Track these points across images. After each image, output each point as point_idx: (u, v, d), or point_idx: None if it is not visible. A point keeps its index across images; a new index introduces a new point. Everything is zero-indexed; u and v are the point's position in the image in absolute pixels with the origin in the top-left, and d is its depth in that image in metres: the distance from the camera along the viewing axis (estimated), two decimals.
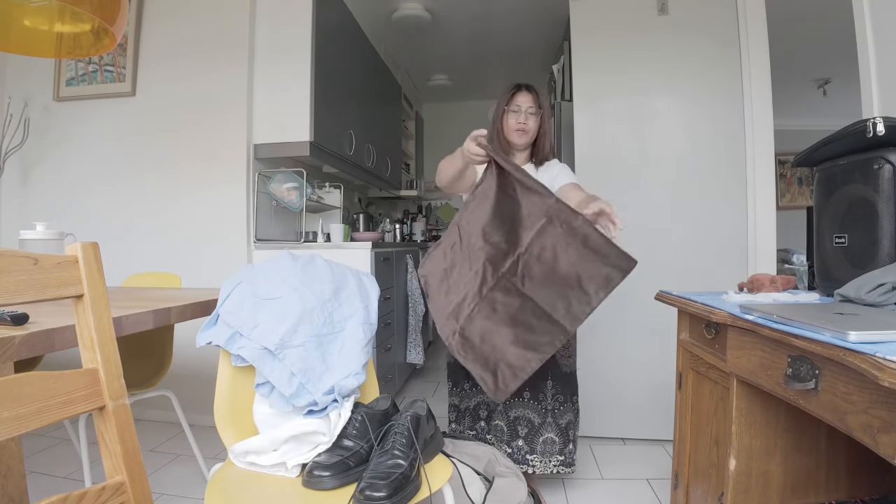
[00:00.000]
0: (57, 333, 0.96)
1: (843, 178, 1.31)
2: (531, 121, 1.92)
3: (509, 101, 1.94)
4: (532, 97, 1.93)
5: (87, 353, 0.78)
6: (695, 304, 1.32)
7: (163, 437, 2.54)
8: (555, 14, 3.85)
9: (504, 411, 1.91)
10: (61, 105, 2.95)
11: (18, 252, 0.72)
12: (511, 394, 1.60)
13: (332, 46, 3.04)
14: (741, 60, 2.46)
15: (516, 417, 1.91)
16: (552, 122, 1.95)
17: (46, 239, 1.58)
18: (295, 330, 1.39)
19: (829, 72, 5.09)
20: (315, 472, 1.16)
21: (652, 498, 1.98)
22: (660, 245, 2.50)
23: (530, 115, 1.92)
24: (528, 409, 1.91)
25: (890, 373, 0.64)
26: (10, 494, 0.94)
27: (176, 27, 2.85)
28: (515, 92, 1.94)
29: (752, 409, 1.17)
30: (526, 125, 1.91)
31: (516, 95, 1.94)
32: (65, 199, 2.92)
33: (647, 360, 2.51)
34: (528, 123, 1.92)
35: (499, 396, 1.49)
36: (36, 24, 1.68)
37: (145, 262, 2.69)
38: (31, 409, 0.68)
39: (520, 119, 1.91)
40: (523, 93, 1.93)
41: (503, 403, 1.90)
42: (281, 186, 2.81)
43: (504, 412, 1.91)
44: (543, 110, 1.94)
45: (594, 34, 2.61)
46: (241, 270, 1.52)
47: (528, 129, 1.92)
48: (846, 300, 1.11)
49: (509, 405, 1.91)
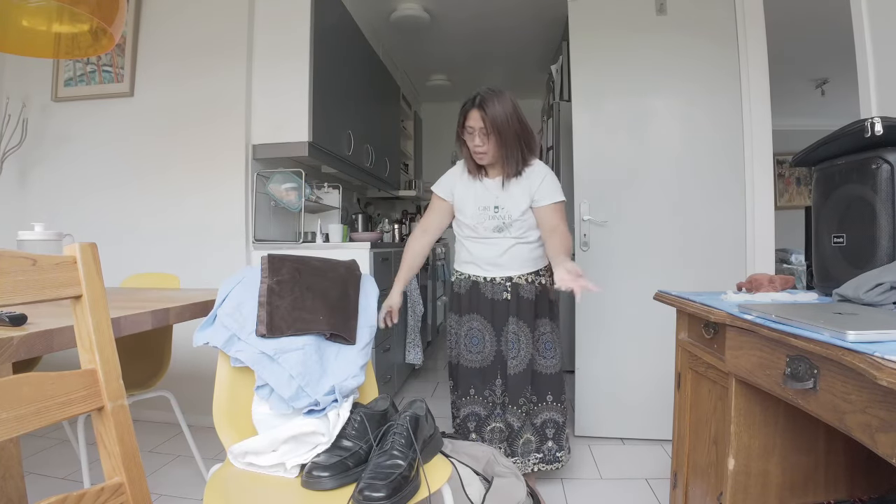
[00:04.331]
0: (55, 334, 0.96)
1: (841, 177, 1.31)
2: (487, 142, 1.82)
3: (463, 124, 1.86)
4: (480, 115, 1.79)
5: (85, 354, 0.78)
6: (693, 304, 1.32)
7: (162, 437, 2.54)
8: (553, 14, 3.86)
9: (497, 418, 1.95)
10: (59, 105, 2.94)
11: (17, 253, 0.72)
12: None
13: (331, 47, 3.04)
14: (739, 60, 2.47)
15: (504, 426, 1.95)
16: (518, 131, 1.83)
17: (45, 240, 1.58)
18: None
19: (828, 72, 5.10)
20: (314, 473, 1.16)
21: (651, 497, 1.98)
22: (658, 245, 2.51)
23: (484, 136, 1.82)
24: (476, 404, 1.96)
25: (888, 372, 0.64)
26: (8, 495, 0.94)
27: (174, 27, 2.85)
28: (468, 111, 1.84)
29: (750, 409, 1.17)
30: (482, 148, 1.83)
31: (467, 116, 1.84)
32: (63, 199, 2.91)
33: (645, 360, 2.51)
34: (484, 146, 1.83)
35: None
36: (34, 25, 1.68)
37: (144, 263, 2.69)
38: (30, 410, 0.68)
39: (475, 143, 1.83)
40: (472, 113, 1.82)
41: (492, 414, 1.95)
42: (280, 187, 2.81)
43: (497, 419, 1.95)
44: (497, 123, 1.79)
45: (593, 34, 2.61)
46: (240, 271, 1.52)
47: (487, 151, 1.84)
48: (844, 300, 1.11)
49: (497, 416, 1.94)
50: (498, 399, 1.94)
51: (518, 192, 1.89)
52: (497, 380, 1.94)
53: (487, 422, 1.94)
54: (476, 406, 1.96)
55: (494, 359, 1.95)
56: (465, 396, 1.96)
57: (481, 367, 1.95)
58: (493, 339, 1.95)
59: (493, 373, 1.95)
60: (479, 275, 1.98)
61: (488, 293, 1.96)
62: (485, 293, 1.96)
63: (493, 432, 1.93)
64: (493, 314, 1.95)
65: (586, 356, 2.58)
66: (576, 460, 2.32)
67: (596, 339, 2.57)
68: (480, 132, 1.82)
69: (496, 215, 1.90)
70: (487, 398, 1.95)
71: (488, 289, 1.96)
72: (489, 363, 1.95)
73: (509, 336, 1.93)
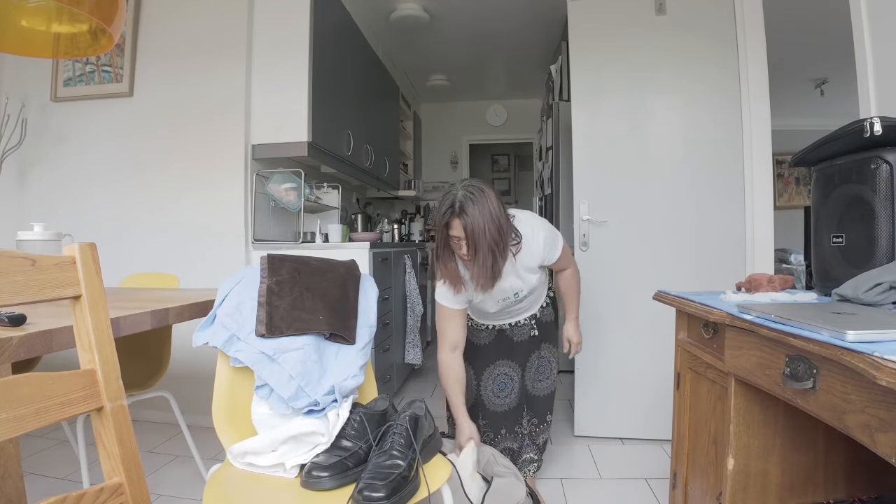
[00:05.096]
0: (55, 334, 0.96)
1: (840, 177, 1.31)
2: (473, 248, 1.65)
3: (447, 238, 1.70)
4: (460, 223, 1.62)
5: (84, 354, 0.78)
6: (693, 304, 1.32)
7: (161, 437, 2.54)
8: (553, 14, 3.86)
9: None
10: (59, 105, 2.94)
11: (16, 253, 0.72)
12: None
13: (330, 46, 3.04)
14: (739, 60, 2.47)
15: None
16: (498, 210, 1.65)
17: (44, 240, 1.58)
18: None
19: (827, 71, 5.10)
20: (313, 473, 1.16)
21: (650, 497, 1.98)
22: (658, 245, 2.51)
23: (469, 245, 1.65)
24: (508, 440, 1.98)
25: (888, 372, 0.64)
26: (7, 496, 0.94)
27: (174, 27, 2.85)
28: (446, 226, 1.67)
29: (750, 409, 1.17)
30: (470, 254, 1.66)
31: (448, 229, 1.67)
32: (62, 199, 2.91)
33: (645, 360, 2.51)
34: (472, 252, 1.65)
35: None
36: (33, 25, 1.68)
37: (143, 263, 2.69)
38: (29, 411, 0.67)
39: (462, 252, 1.68)
40: (452, 224, 1.65)
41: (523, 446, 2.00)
42: (279, 187, 2.81)
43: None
44: (473, 228, 1.61)
45: (592, 34, 2.61)
46: (239, 271, 1.52)
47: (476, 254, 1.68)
48: (844, 300, 1.11)
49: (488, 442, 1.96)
50: (525, 429, 2.01)
51: (529, 263, 1.80)
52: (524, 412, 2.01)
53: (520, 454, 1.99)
54: (508, 442, 1.98)
55: (519, 395, 1.99)
56: (497, 437, 1.98)
57: (508, 410, 1.98)
58: (520, 377, 2.00)
59: (520, 410, 2.00)
60: (502, 322, 2.00)
61: (515, 336, 2.00)
62: (511, 337, 2.00)
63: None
64: (518, 354, 2.00)
65: (586, 356, 2.58)
66: (575, 460, 2.32)
67: (595, 339, 2.57)
68: (464, 243, 1.66)
69: (517, 297, 1.88)
70: (518, 433, 1.99)
71: (515, 332, 2.00)
72: (516, 404, 1.99)
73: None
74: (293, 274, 1.50)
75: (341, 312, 1.53)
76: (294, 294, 1.46)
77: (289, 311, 1.43)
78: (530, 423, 2.01)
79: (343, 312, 1.54)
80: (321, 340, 1.45)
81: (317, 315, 1.46)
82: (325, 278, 1.57)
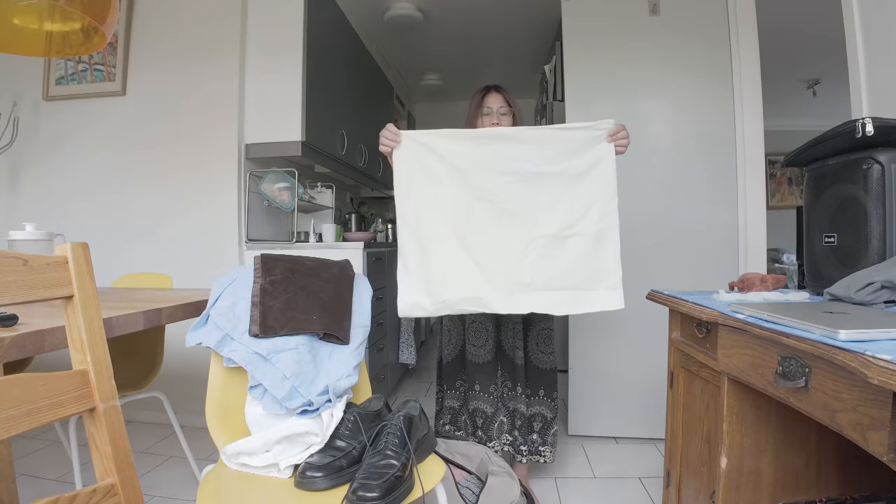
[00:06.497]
0: (47, 334, 0.96)
1: (832, 177, 1.32)
2: (504, 121, 1.93)
3: (480, 104, 1.96)
4: (502, 97, 1.95)
5: (77, 355, 0.78)
6: (686, 304, 1.33)
7: (154, 438, 2.53)
8: (546, 14, 3.87)
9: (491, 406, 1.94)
10: (51, 104, 2.92)
11: (7, 253, 0.71)
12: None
13: (324, 46, 3.03)
14: (732, 60, 2.48)
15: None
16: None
17: (36, 240, 1.57)
18: None
19: (819, 72, 5.13)
20: (307, 473, 1.16)
21: (644, 496, 1.99)
22: (651, 244, 2.51)
23: (502, 116, 1.94)
24: (483, 402, 1.94)
25: (879, 370, 0.65)
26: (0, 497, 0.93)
27: (167, 26, 2.83)
28: (485, 94, 1.97)
29: (742, 408, 1.18)
30: (499, 125, 1.92)
31: (486, 97, 1.96)
32: (54, 198, 2.89)
33: (638, 360, 2.52)
34: (501, 123, 1.93)
35: None
36: (25, 23, 1.67)
37: (136, 263, 2.67)
38: (21, 412, 0.67)
39: (493, 120, 1.93)
40: (493, 94, 1.96)
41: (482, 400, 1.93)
42: (272, 186, 2.80)
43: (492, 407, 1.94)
44: (514, 108, 1.96)
45: (586, 34, 2.61)
46: (233, 271, 1.51)
47: None
48: (836, 299, 1.12)
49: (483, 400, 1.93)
50: (499, 392, 1.95)
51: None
52: (498, 372, 1.96)
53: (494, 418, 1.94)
54: (481, 402, 1.94)
55: (495, 349, 1.96)
56: (471, 391, 1.94)
57: (484, 362, 1.96)
58: (495, 328, 1.97)
59: (495, 367, 1.96)
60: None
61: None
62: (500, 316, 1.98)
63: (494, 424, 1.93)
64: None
65: (580, 355, 2.58)
66: (569, 459, 2.32)
67: (589, 338, 2.57)
68: (499, 111, 1.93)
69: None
70: (493, 393, 1.95)
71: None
72: (491, 357, 1.96)
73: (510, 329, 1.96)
74: (287, 274, 1.50)
75: (335, 312, 1.53)
76: (288, 294, 1.46)
77: (282, 310, 1.42)
78: (504, 387, 1.96)
79: (337, 312, 1.54)
80: (315, 340, 1.45)
81: (311, 315, 1.46)
82: (319, 278, 1.57)
